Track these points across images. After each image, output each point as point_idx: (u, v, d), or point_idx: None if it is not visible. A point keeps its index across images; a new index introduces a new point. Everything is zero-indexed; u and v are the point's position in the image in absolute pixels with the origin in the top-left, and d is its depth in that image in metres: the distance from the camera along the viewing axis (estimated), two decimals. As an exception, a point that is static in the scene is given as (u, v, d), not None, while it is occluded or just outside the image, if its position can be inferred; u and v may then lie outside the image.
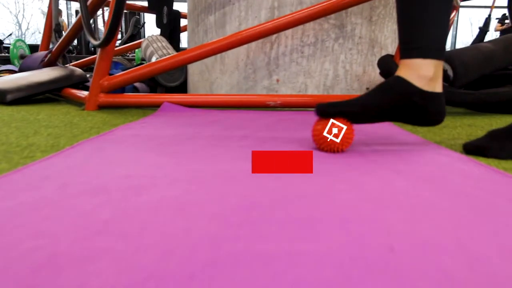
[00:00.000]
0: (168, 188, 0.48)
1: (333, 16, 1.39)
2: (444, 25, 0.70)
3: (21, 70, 1.85)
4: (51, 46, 2.10)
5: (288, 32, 1.39)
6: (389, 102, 0.69)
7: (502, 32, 5.19)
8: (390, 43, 1.52)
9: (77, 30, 1.60)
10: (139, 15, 6.61)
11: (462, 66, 1.39)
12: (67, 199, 0.44)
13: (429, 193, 0.48)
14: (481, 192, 0.49)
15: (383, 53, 1.49)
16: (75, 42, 5.81)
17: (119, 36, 7.04)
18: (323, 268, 0.30)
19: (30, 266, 0.30)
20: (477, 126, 1.07)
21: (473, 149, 0.72)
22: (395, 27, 1.53)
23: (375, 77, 1.50)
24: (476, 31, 4.66)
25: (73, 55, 4.48)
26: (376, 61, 1.48)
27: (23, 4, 17.41)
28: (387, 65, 1.28)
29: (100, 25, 5.72)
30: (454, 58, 1.41)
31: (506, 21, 5.33)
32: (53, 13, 1.93)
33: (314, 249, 0.33)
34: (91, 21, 1.32)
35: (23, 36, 15.71)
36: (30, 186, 0.48)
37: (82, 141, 0.77)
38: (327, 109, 0.69)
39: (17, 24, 16.42)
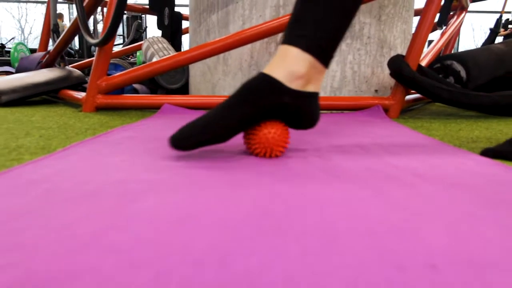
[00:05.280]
0: (167, 194, 0.43)
1: (340, 15, 1.33)
2: (342, 24, 0.59)
3: (18, 71, 1.80)
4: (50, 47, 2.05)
5: (294, 31, 1.34)
6: (256, 111, 0.58)
7: (506, 37, 5.16)
8: (399, 44, 1.47)
9: (74, 31, 1.55)
10: (141, 19, 6.59)
11: (476, 68, 1.34)
12: (52, 206, 0.38)
13: (463, 201, 0.43)
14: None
15: (392, 53, 1.44)
16: (77, 46, 5.78)
17: (121, 41, 7.02)
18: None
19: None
20: (494, 129, 1.01)
21: (494, 154, 0.66)
22: (405, 27, 1.48)
23: (384, 79, 1.44)
24: (478, 37, 4.63)
25: (76, 58, 4.44)
26: (385, 62, 1.43)
27: (26, 9, 17.45)
28: (398, 65, 1.22)
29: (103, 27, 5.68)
30: (467, 59, 1.36)
31: (510, 26, 5.30)
32: (51, 13, 1.88)
33: (342, 268, 0.27)
34: (92, 21, 1.27)
35: (26, 40, 15.74)
36: (13, 191, 0.43)
37: (75, 143, 0.71)
38: (183, 143, 0.57)
39: (20, 28, 16.48)
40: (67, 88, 1.52)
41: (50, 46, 2.06)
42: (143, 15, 6.75)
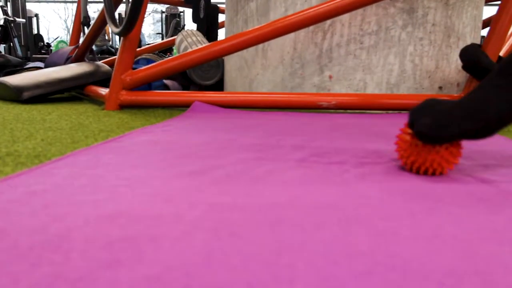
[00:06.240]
0: (178, 246, 0.26)
1: (401, -2, 1.14)
2: None
3: (47, 66, 1.72)
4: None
5: (345, 18, 1.15)
6: None
7: None
8: (469, 32, 1.25)
9: (102, 22, 1.44)
10: (179, 17, 6.54)
11: None
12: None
13: None
14: None
15: (461, 44, 1.22)
16: (118, 43, 5.78)
17: (159, 39, 7.03)
18: None
19: None
20: None
21: None
22: (476, 12, 1.25)
23: (450, 74, 1.23)
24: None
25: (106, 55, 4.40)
26: (452, 54, 1.21)
27: (72, 9, 18.07)
28: (473, 55, 1.01)
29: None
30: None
31: None
32: (81, 5, 1.79)
33: None
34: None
35: (71, 40, 16.26)
36: None
37: (77, 150, 0.57)
38: (439, 133, 0.44)
39: (66, 28, 17.07)
40: (94, 84, 1.41)
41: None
42: (182, 14, 6.72)
